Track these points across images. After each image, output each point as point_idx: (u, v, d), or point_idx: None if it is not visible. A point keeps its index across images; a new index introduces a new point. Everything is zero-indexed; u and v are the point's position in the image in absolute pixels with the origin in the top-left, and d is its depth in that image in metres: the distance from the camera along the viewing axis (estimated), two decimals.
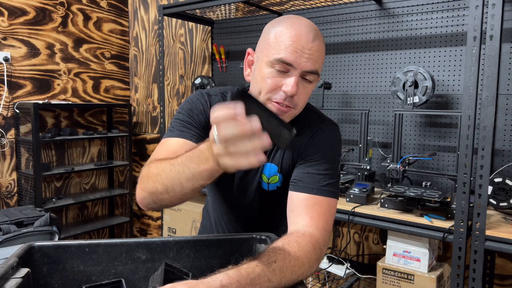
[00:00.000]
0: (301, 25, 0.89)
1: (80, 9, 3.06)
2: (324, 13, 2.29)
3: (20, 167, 2.77)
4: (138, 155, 3.41)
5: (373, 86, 2.17)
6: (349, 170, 2.13)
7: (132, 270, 0.89)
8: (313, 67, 0.89)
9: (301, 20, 0.91)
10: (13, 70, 2.71)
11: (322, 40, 0.92)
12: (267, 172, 1.06)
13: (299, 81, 0.89)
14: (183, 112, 1.00)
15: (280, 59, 0.87)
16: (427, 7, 1.98)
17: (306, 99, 0.95)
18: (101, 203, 3.36)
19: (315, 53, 0.88)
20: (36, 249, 0.85)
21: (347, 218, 1.72)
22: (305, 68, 0.88)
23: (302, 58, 0.87)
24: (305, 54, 0.87)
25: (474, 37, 1.41)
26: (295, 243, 0.82)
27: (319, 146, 0.99)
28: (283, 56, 0.87)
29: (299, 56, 0.87)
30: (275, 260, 0.75)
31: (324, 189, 0.95)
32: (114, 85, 3.36)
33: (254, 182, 1.08)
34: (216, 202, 1.20)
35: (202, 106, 1.01)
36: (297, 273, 0.78)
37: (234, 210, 1.16)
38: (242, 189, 1.11)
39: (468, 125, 1.45)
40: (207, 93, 1.05)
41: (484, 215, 1.42)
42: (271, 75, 0.90)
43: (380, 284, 1.77)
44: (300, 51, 0.87)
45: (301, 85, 0.90)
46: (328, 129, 1.02)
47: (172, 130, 0.98)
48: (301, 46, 0.87)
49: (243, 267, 0.70)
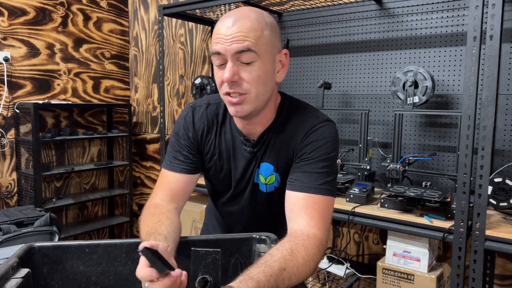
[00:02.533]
0: (227, 15, 0.94)
1: (80, 9, 3.06)
2: (324, 13, 2.29)
3: (20, 167, 2.77)
4: (138, 155, 3.41)
5: (373, 86, 2.17)
6: (349, 170, 2.13)
7: (132, 271, 0.89)
8: (240, 47, 0.90)
9: (230, 12, 0.95)
10: (13, 70, 2.71)
11: (251, 18, 0.92)
12: (263, 172, 1.06)
13: (235, 66, 0.92)
14: (172, 136, 1.11)
15: (211, 53, 0.94)
16: (427, 7, 1.98)
17: (258, 82, 0.93)
18: (101, 203, 3.36)
19: (237, 34, 0.90)
20: (36, 249, 0.85)
21: (347, 218, 1.72)
22: (232, 51, 0.90)
23: (226, 44, 0.90)
24: (228, 39, 0.90)
25: (474, 37, 1.41)
26: (302, 247, 0.83)
27: (314, 144, 0.98)
28: (212, 50, 0.93)
29: (222, 43, 0.91)
30: (285, 267, 0.77)
31: (322, 188, 0.95)
32: (114, 85, 3.36)
33: (249, 184, 1.09)
34: (216, 204, 1.21)
35: (184, 129, 1.08)
36: (302, 277, 0.81)
37: (234, 212, 1.17)
38: (239, 191, 1.12)
39: (468, 125, 1.45)
40: (192, 106, 1.11)
41: (484, 215, 1.42)
42: (216, 71, 0.96)
43: (380, 284, 1.77)
44: (223, 39, 0.91)
45: (242, 69, 0.92)
46: (323, 126, 1.01)
47: (167, 158, 1.09)
48: (223, 35, 0.91)
49: (261, 280, 0.72)
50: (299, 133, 1.01)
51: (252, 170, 1.07)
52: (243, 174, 1.08)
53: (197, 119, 1.08)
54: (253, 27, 0.91)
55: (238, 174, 1.09)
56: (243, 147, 1.06)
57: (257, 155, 1.06)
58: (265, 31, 0.92)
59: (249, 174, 1.08)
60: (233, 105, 0.95)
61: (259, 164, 1.06)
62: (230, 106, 0.96)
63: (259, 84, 0.93)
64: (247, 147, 1.05)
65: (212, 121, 1.08)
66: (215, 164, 1.10)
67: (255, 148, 1.05)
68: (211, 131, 1.08)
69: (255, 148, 1.05)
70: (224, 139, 1.07)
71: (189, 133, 1.08)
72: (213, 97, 1.11)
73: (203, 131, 1.08)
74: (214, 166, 1.10)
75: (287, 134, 1.03)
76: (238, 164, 1.08)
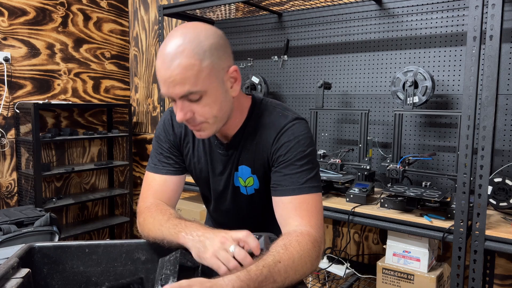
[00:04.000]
0: (163, 53, 0.88)
1: (80, 9, 3.06)
2: (324, 13, 2.29)
3: (20, 167, 2.77)
4: (138, 155, 3.41)
5: (373, 86, 2.17)
6: (349, 170, 2.13)
7: (132, 271, 0.89)
8: (182, 91, 0.87)
9: (166, 44, 0.89)
10: (13, 70, 2.71)
11: (187, 53, 0.86)
12: (242, 175, 1.08)
13: (184, 105, 0.90)
14: (154, 140, 1.13)
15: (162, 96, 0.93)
16: (427, 7, 1.98)
17: (210, 112, 0.92)
18: (101, 203, 3.37)
19: (177, 76, 0.86)
20: (36, 249, 0.85)
21: (347, 218, 1.72)
22: (177, 95, 0.89)
23: (169, 88, 0.88)
24: (169, 83, 0.87)
25: (474, 37, 1.41)
26: (296, 243, 0.83)
27: (287, 145, 0.98)
28: (161, 93, 0.91)
29: (166, 88, 0.88)
30: (279, 260, 0.77)
31: (305, 187, 0.95)
32: (114, 85, 3.36)
33: (229, 187, 1.11)
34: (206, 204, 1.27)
35: (165, 132, 1.11)
36: (300, 272, 0.81)
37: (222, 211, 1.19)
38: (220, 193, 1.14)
39: (468, 125, 1.45)
40: (171, 110, 1.12)
41: (484, 215, 1.42)
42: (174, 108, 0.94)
43: (380, 284, 1.77)
44: (165, 81, 0.88)
45: (192, 105, 0.90)
46: (293, 125, 0.99)
47: (151, 161, 1.12)
48: (163, 78, 0.87)
49: (252, 269, 0.73)
50: (271, 135, 1.01)
51: (229, 172, 1.08)
52: (220, 176, 1.10)
53: (175, 122, 1.11)
54: (190, 64, 0.85)
55: (216, 176, 1.11)
56: (218, 150, 1.08)
57: (233, 158, 1.07)
58: (204, 62, 0.87)
59: (227, 177, 1.09)
60: (196, 132, 0.97)
61: (237, 167, 1.07)
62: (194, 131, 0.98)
63: (213, 112, 0.92)
64: (221, 150, 1.07)
65: None
66: (195, 166, 1.13)
67: (229, 151, 1.07)
68: (189, 134, 1.10)
69: (229, 151, 1.07)
70: (202, 142, 1.10)
71: (170, 136, 1.10)
72: None
73: (181, 134, 1.10)
74: (194, 168, 1.13)
75: (260, 136, 1.03)
76: (215, 166, 1.10)
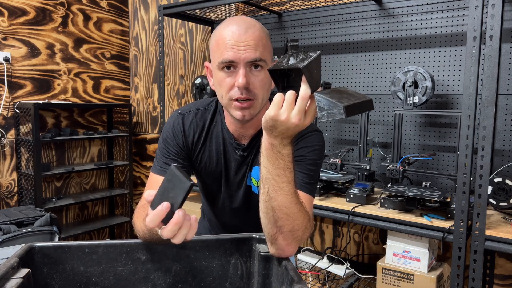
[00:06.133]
0: (233, 23, 0.96)
1: (80, 9, 3.06)
2: (324, 13, 2.29)
3: (20, 167, 2.77)
4: (138, 155, 3.41)
5: (373, 86, 2.17)
6: (349, 170, 2.13)
7: (132, 271, 0.89)
8: (254, 56, 0.94)
9: (234, 18, 0.99)
10: (13, 70, 2.71)
11: (258, 28, 0.97)
12: (255, 175, 1.09)
13: (247, 72, 0.95)
14: (161, 142, 1.12)
15: (223, 60, 0.95)
16: (427, 7, 1.98)
17: (264, 88, 0.98)
18: (101, 203, 3.37)
19: (251, 42, 0.94)
20: (36, 249, 0.85)
21: (347, 218, 1.72)
22: (247, 59, 0.94)
23: (240, 52, 0.94)
24: (242, 47, 0.93)
25: (474, 37, 1.41)
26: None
27: (303, 149, 1.02)
28: (224, 57, 0.94)
29: (236, 51, 0.93)
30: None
31: (305, 186, 0.99)
32: (114, 85, 3.36)
33: (242, 186, 1.12)
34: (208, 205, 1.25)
35: (173, 136, 1.10)
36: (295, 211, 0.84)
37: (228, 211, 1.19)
38: (231, 193, 1.15)
39: (468, 125, 1.45)
40: (181, 113, 1.13)
41: (484, 215, 1.42)
42: (223, 77, 0.97)
43: (380, 284, 1.77)
44: (236, 46, 0.93)
45: (252, 74, 0.96)
46: (312, 135, 1.04)
47: (155, 163, 1.10)
48: (236, 42, 0.94)
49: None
50: None
51: (244, 173, 1.11)
52: (234, 176, 1.12)
53: (187, 126, 1.11)
54: (261, 36, 0.96)
55: (230, 176, 1.13)
56: (234, 150, 1.10)
57: (248, 159, 1.10)
58: (268, 40, 0.98)
59: (241, 177, 1.12)
60: (240, 110, 0.98)
61: (251, 167, 1.10)
62: (236, 110, 0.98)
63: (265, 89, 0.99)
64: (237, 150, 1.09)
65: (202, 127, 1.12)
66: (205, 166, 1.14)
67: (246, 152, 1.09)
68: (201, 136, 1.12)
69: (246, 152, 1.09)
70: (215, 142, 1.11)
71: (179, 140, 1.11)
72: (200, 103, 1.15)
73: (193, 137, 1.11)
74: (205, 168, 1.14)
75: None
76: (229, 167, 1.12)
